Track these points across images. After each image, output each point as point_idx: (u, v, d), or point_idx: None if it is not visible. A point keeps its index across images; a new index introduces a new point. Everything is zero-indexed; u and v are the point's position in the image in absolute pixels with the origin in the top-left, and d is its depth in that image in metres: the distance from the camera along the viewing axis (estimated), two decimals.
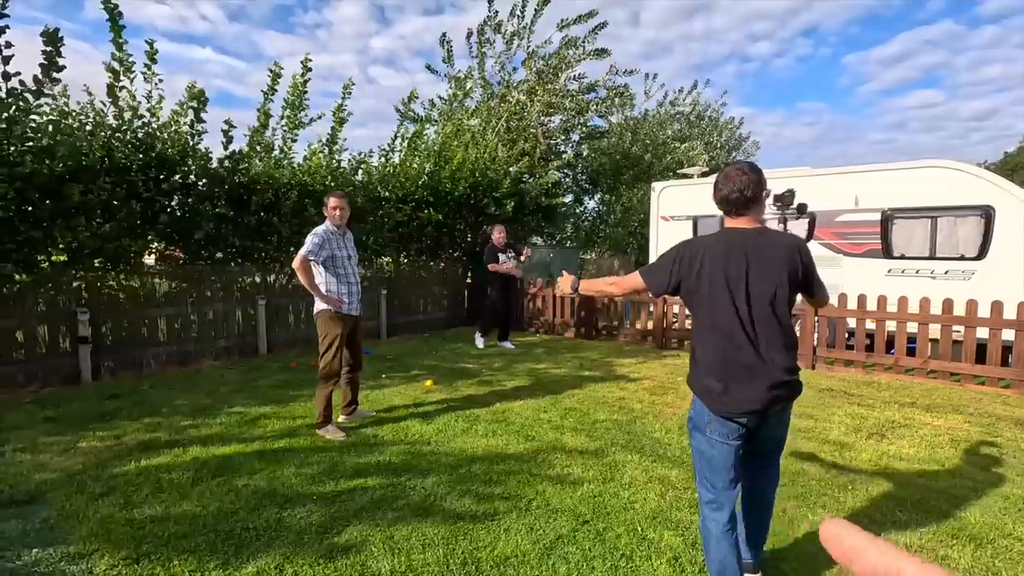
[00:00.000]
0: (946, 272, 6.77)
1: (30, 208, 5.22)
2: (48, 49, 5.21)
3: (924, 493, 3.18)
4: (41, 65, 5.21)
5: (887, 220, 7.17)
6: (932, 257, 6.87)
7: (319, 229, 4.07)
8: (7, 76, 5.06)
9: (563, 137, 13.93)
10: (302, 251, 3.93)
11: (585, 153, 14.78)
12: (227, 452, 3.70)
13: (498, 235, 7.92)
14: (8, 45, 5.00)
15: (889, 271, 7.15)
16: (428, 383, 5.61)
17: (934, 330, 5.92)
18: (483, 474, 3.37)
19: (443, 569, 2.38)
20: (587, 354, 7.34)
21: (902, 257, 7.09)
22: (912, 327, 5.99)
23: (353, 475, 3.33)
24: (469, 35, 12.69)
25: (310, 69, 7.50)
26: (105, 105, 6.01)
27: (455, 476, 3.35)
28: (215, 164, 6.70)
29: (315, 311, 4.10)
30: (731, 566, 2.04)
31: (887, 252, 7.18)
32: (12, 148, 5.06)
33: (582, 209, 16.46)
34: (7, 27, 4.95)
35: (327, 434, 4.02)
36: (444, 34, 12.77)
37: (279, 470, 3.40)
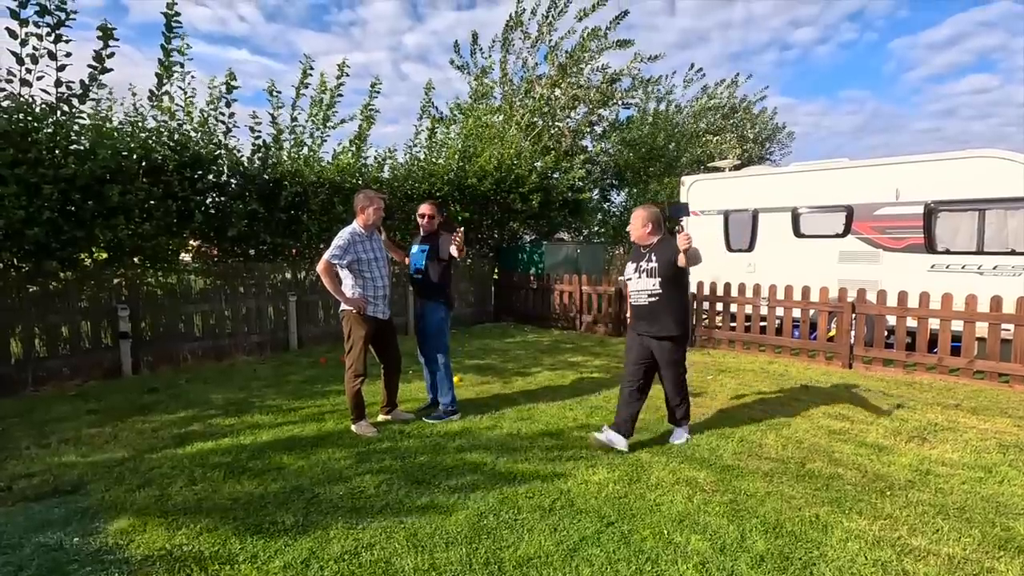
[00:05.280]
0: (995, 268, 6.43)
1: (73, 208, 5.43)
2: (99, 46, 5.42)
3: (968, 500, 3.04)
4: (90, 67, 5.44)
5: (930, 213, 6.85)
6: (980, 252, 6.53)
7: (345, 232, 4.01)
8: (59, 83, 5.28)
9: (588, 130, 13.78)
10: (326, 255, 3.94)
11: (609, 147, 14.58)
12: (258, 445, 3.79)
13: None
14: (67, 55, 5.22)
15: (932, 267, 6.84)
16: (455, 379, 5.62)
17: (981, 329, 5.64)
18: (507, 472, 3.36)
19: (466, 568, 2.38)
20: (614, 350, 7.26)
21: (947, 252, 6.76)
22: (957, 325, 5.72)
23: (378, 471, 3.37)
24: (474, 43, 12.76)
25: (347, 73, 7.60)
26: (146, 108, 6.22)
27: (479, 474, 3.35)
28: (245, 161, 6.88)
29: (340, 310, 4.12)
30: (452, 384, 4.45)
31: (930, 247, 6.86)
32: (57, 151, 5.27)
33: (609, 204, 16.25)
34: (65, 37, 5.18)
35: (359, 430, 4.07)
36: (456, 44, 12.97)
37: (307, 465, 3.47)
